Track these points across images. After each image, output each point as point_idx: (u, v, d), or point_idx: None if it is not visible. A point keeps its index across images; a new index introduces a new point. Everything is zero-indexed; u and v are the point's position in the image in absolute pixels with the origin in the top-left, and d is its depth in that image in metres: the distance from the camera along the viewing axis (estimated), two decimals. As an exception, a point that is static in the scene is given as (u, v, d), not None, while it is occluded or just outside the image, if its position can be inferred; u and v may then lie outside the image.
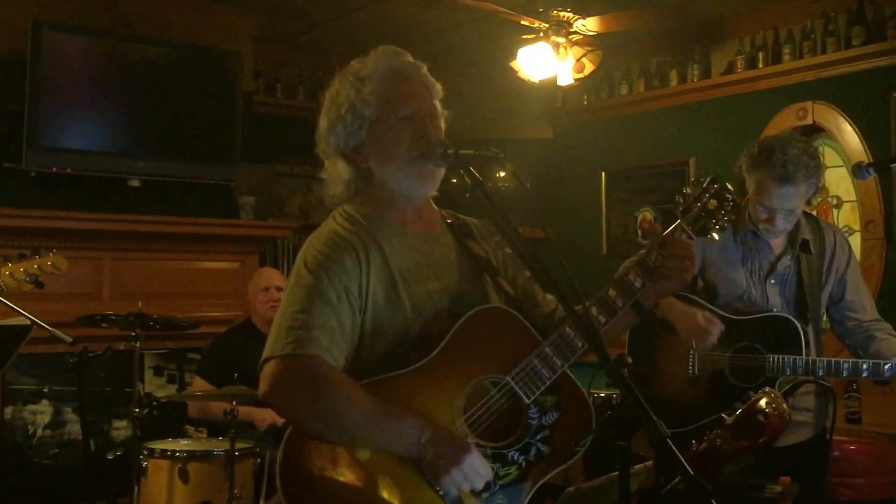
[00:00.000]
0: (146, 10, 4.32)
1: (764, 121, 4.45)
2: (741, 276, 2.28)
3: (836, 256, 2.32)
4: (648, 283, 1.47)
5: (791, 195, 2.17)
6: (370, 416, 1.31)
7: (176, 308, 3.95)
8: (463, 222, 1.58)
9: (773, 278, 2.28)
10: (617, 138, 5.24)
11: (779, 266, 2.29)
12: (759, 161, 2.18)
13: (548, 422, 1.41)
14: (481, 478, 1.33)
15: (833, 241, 2.33)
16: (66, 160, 4.06)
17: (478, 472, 1.32)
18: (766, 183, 2.16)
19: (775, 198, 2.17)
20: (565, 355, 1.40)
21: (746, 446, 1.71)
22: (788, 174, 2.13)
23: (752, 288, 2.28)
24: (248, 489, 3.02)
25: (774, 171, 2.14)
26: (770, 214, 2.20)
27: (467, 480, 1.32)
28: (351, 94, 1.45)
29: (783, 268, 2.29)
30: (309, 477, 1.29)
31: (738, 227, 2.29)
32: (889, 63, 3.99)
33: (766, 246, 2.29)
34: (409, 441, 1.31)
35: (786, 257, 2.29)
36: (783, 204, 2.18)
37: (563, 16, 4.05)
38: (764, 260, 2.29)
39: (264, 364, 1.37)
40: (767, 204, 2.19)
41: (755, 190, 2.20)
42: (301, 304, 1.37)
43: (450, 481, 1.31)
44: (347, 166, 1.49)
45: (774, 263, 2.29)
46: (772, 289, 2.28)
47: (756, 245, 2.29)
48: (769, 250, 2.29)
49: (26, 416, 4.06)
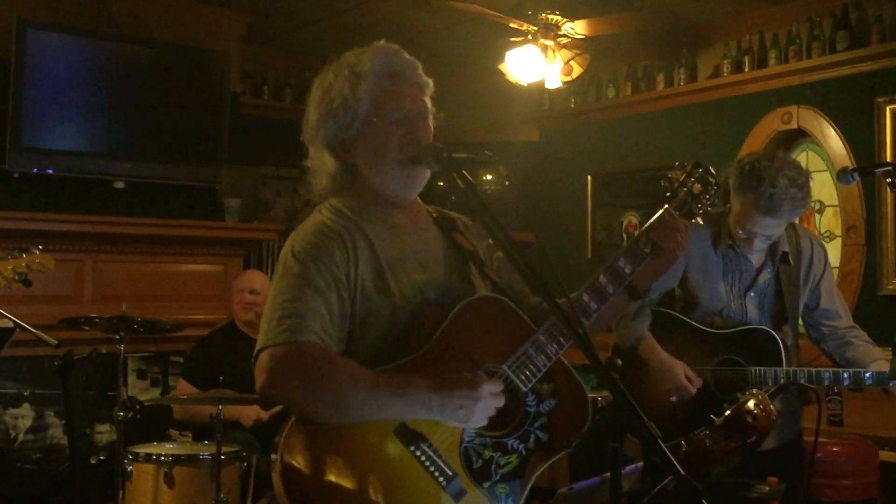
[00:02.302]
0: (132, 9, 4.28)
1: (749, 124, 4.49)
2: (721, 289, 2.29)
3: (814, 265, 2.33)
4: (638, 269, 1.48)
5: (773, 225, 2.18)
6: (376, 388, 1.30)
7: (159, 311, 3.91)
8: (447, 216, 1.59)
9: (752, 291, 2.30)
10: (603, 142, 5.26)
11: (759, 279, 2.30)
12: (747, 186, 2.17)
13: (545, 409, 1.41)
14: (498, 399, 1.34)
15: (810, 250, 2.34)
16: (50, 161, 4.01)
17: (495, 397, 1.33)
18: (749, 209, 2.16)
19: (757, 225, 2.17)
20: (559, 342, 1.41)
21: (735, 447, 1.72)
22: (773, 206, 2.12)
23: (731, 301, 2.29)
24: (234, 493, 3.00)
25: (761, 200, 2.12)
26: (749, 237, 2.22)
27: (490, 409, 1.34)
28: (345, 90, 1.44)
29: (763, 281, 2.30)
30: (310, 475, 1.28)
31: (718, 241, 2.29)
32: (873, 68, 4.04)
33: (746, 260, 2.29)
34: (420, 406, 1.31)
35: (766, 271, 2.30)
36: (763, 231, 2.19)
37: (552, 19, 4.07)
38: (745, 274, 2.29)
39: (258, 356, 1.35)
40: (749, 228, 2.19)
41: (739, 212, 2.20)
42: (291, 293, 1.35)
43: (476, 420, 1.33)
44: (334, 160, 1.48)
45: (755, 277, 2.30)
46: (750, 302, 2.29)
47: (736, 259, 2.30)
48: (749, 264, 2.30)
49: (8, 419, 4.00)
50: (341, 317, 1.38)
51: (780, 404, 2.22)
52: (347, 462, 1.29)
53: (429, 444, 1.33)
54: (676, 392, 2.18)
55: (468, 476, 1.35)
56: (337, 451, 1.29)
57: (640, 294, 1.53)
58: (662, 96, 4.91)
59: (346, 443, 1.30)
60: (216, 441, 2.89)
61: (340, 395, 1.29)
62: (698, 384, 2.17)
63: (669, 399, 2.20)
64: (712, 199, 1.57)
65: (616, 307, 1.51)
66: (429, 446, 1.33)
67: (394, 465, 1.31)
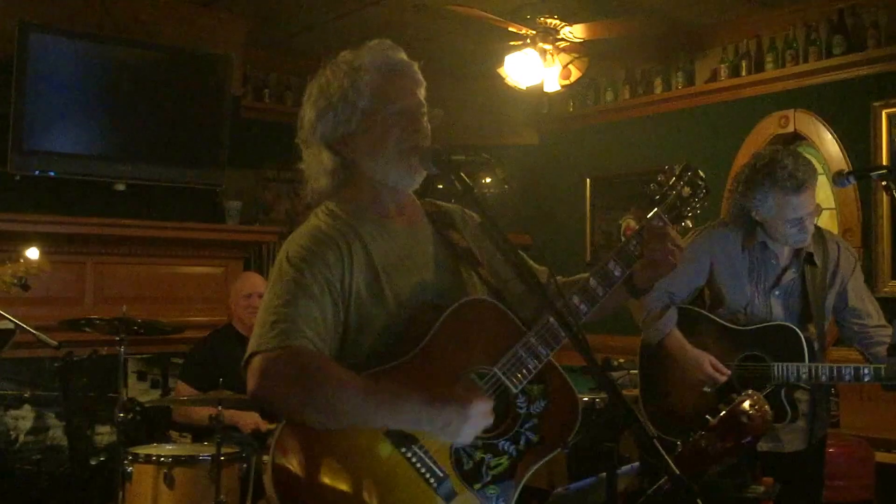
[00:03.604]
0: (134, 13, 4.30)
1: (746, 128, 4.52)
2: (747, 287, 2.33)
3: (840, 267, 2.37)
4: (628, 271, 1.50)
5: (809, 199, 2.24)
6: (366, 396, 1.30)
7: (159, 313, 3.93)
8: (444, 211, 1.58)
9: (777, 290, 2.33)
10: (602, 145, 5.28)
11: (784, 278, 2.34)
12: (764, 182, 2.22)
13: (535, 410, 1.42)
14: (488, 418, 1.33)
15: (837, 252, 2.38)
16: (51, 164, 4.03)
17: (485, 416, 1.33)
18: (782, 199, 2.21)
19: (798, 207, 2.22)
20: (549, 344, 1.41)
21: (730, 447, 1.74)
22: (798, 180, 2.19)
23: (756, 299, 2.33)
24: (234, 494, 3.01)
25: (785, 183, 2.19)
26: (800, 224, 2.25)
27: (479, 426, 1.33)
28: (344, 84, 1.44)
29: (788, 280, 2.34)
30: (302, 477, 1.29)
31: (746, 242, 2.33)
32: (869, 72, 4.06)
33: (773, 258, 2.33)
34: (409, 419, 1.31)
35: (791, 269, 2.34)
36: (807, 209, 2.24)
37: (551, 23, 4.09)
38: (770, 272, 2.33)
39: (249, 360, 1.36)
40: (792, 217, 2.23)
41: (776, 210, 2.24)
42: (284, 298, 1.36)
43: (464, 438, 1.33)
44: (332, 156, 1.48)
45: (780, 276, 2.34)
46: (775, 300, 2.33)
47: (763, 257, 2.33)
48: (776, 263, 2.34)
49: (8, 421, 4.01)
50: (335, 322, 1.38)
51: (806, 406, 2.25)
52: (339, 464, 1.29)
53: (420, 446, 1.33)
54: (707, 382, 2.22)
55: (459, 477, 1.36)
56: (328, 454, 1.30)
57: (641, 291, 1.55)
58: (660, 100, 4.94)
59: (338, 445, 1.30)
60: (216, 442, 2.90)
61: (330, 402, 1.29)
62: (727, 373, 2.21)
63: (702, 390, 2.24)
64: (702, 202, 1.57)
65: (613, 300, 1.52)
66: (420, 448, 1.33)
67: (385, 466, 1.31)
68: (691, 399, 2.30)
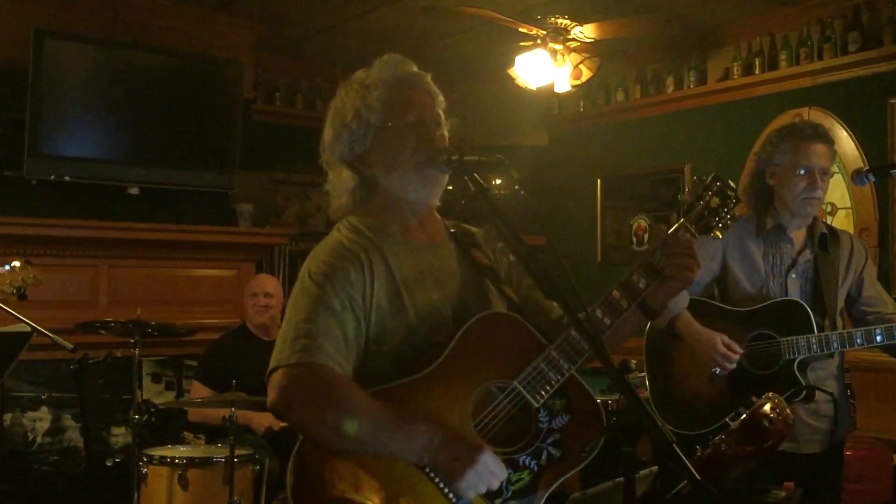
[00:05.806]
0: (147, 19, 4.33)
1: (760, 127, 4.47)
2: (761, 271, 2.33)
3: (854, 256, 2.37)
4: (653, 283, 1.46)
5: (824, 153, 2.30)
6: (379, 421, 1.31)
7: (173, 315, 3.96)
8: (466, 231, 1.58)
9: (794, 272, 2.32)
10: (613, 145, 5.26)
11: (800, 259, 2.33)
12: (785, 134, 2.32)
13: (558, 425, 1.40)
14: (496, 477, 1.32)
15: (850, 242, 2.40)
16: (66, 168, 4.06)
17: (492, 472, 1.31)
18: (800, 144, 2.28)
19: (812, 155, 2.27)
20: (572, 358, 1.39)
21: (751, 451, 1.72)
22: (819, 133, 2.30)
23: (771, 282, 2.32)
24: (247, 496, 3.02)
25: (806, 132, 2.30)
26: (811, 178, 2.27)
27: (483, 481, 1.31)
28: (356, 102, 1.46)
29: (804, 261, 2.33)
30: (320, 489, 1.29)
31: (762, 226, 2.34)
32: (885, 69, 4.02)
33: (787, 241, 2.34)
34: (420, 446, 1.30)
35: (806, 251, 2.34)
36: (820, 161, 2.28)
37: (561, 23, 4.08)
38: (785, 254, 2.33)
39: (271, 374, 1.37)
40: (806, 164, 2.26)
41: (790, 156, 2.28)
42: (306, 314, 1.37)
43: (465, 484, 1.30)
44: (352, 174, 1.49)
45: (795, 258, 2.33)
46: (793, 282, 2.32)
47: (778, 239, 2.34)
48: (790, 245, 2.34)
49: (26, 422, 4.05)
50: (356, 336, 1.39)
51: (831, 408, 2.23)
52: (359, 478, 1.29)
53: None
54: (718, 362, 2.17)
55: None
56: (349, 467, 1.30)
57: (655, 312, 1.50)
58: (672, 99, 4.91)
59: (359, 458, 1.30)
60: (229, 444, 2.92)
61: (342, 424, 1.30)
62: (740, 352, 2.18)
63: (713, 371, 2.21)
64: (731, 213, 1.53)
65: (628, 324, 1.49)
66: None
67: (405, 481, 1.31)
68: (700, 388, 2.27)
